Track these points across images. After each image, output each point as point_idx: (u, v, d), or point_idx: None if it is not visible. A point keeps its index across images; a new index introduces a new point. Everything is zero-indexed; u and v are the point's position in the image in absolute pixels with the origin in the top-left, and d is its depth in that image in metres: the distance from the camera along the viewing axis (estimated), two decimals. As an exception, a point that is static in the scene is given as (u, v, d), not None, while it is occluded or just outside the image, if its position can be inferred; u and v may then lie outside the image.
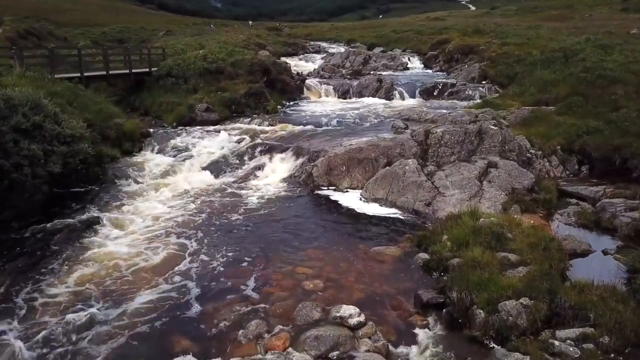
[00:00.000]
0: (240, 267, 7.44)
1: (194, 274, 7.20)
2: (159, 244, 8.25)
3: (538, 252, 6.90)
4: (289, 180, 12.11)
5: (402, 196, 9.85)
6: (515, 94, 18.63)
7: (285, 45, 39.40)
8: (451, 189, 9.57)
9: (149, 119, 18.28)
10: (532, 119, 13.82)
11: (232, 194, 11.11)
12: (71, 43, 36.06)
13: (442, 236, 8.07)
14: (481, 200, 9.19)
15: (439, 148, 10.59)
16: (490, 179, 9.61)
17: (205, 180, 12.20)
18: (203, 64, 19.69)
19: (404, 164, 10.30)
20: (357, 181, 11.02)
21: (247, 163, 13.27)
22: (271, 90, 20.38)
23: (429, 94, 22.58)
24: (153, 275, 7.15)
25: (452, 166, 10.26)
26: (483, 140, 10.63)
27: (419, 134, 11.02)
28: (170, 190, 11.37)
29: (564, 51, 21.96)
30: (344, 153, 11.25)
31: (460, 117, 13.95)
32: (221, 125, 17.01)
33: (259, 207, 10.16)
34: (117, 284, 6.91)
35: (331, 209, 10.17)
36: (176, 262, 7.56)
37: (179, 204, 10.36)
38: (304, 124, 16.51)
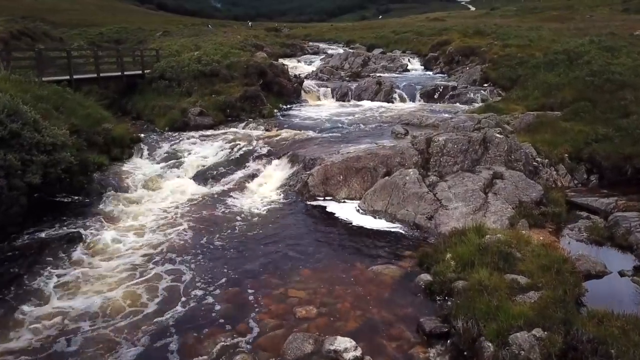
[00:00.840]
0: (227, 290, 6.87)
1: (175, 300, 6.62)
2: (138, 265, 7.67)
3: (550, 275, 6.35)
4: (283, 189, 11.55)
5: (402, 208, 9.29)
6: (519, 98, 18.10)
7: (283, 47, 38.82)
8: (454, 201, 9.01)
9: (140, 123, 17.76)
10: (538, 124, 13.27)
11: (222, 205, 10.55)
12: (66, 44, 35.47)
13: (445, 254, 7.52)
14: (486, 214, 8.63)
15: (441, 157, 10.04)
16: (496, 191, 9.05)
17: (195, 190, 11.64)
18: (197, 66, 19.15)
19: (404, 174, 9.75)
20: (354, 191, 10.47)
21: (240, 170, 12.71)
22: (267, 93, 19.85)
23: (430, 96, 22.04)
24: (128, 301, 6.58)
25: (455, 177, 9.70)
26: (488, 149, 10.07)
27: (420, 142, 10.46)
28: (157, 201, 10.82)
29: (567, 53, 21.43)
30: (341, 162, 10.70)
31: (463, 122, 13.41)
32: (215, 130, 16.47)
33: (251, 220, 9.60)
34: (89, 310, 6.35)
35: (327, 221, 9.61)
36: (155, 287, 6.98)
37: (165, 217, 9.79)
38: (300, 128, 15.96)
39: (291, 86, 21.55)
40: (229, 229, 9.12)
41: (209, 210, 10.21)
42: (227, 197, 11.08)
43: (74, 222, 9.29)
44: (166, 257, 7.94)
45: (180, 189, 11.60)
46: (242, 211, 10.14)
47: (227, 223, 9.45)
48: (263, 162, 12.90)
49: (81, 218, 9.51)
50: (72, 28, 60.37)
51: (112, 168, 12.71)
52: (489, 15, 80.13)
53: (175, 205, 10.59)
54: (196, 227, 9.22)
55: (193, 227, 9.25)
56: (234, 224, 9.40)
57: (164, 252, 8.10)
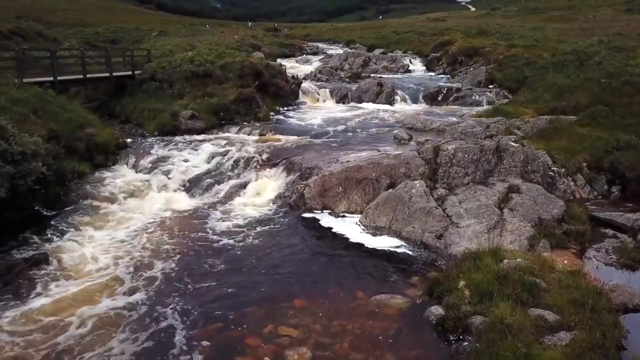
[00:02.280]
0: (207, 325, 5.95)
1: (145, 336, 5.71)
2: (108, 292, 6.76)
3: (583, 312, 5.44)
4: (277, 201, 10.64)
5: (408, 225, 8.38)
6: (528, 101, 17.20)
7: (281, 47, 37.90)
8: (466, 218, 8.11)
9: (129, 127, 16.84)
10: (551, 130, 12.35)
11: (210, 219, 9.63)
12: (60, 44, 34.51)
13: (458, 282, 6.61)
14: (503, 232, 7.73)
15: (451, 168, 9.13)
16: (513, 207, 8.14)
17: (182, 202, 10.73)
18: (190, 66, 18.22)
19: (409, 187, 8.83)
20: (355, 205, 9.56)
21: (232, 180, 11.79)
22: (263, 95, 18.90)
23: (433, 99, 21.12)
24: (93, 337, 5.67)
25: (467, 190, 8.79)
26: (502, 159, 9.16)
27: (426, 150, 9.55)
28: (140, 214, 9.91)
29: (577, 54, 20.55)
30: (341, 172, 9.79)
31: (471, 127, 12.51)
32: (207, 135, 15.56)
33: (240, 238, 8.68)
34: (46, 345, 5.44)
35: (325, 239, 8.70)
36: (124, 318, 6.08)
37: (146, 234, 8.87)
38: (297, 133, 15.05)
39: (289, 87, 20.62)
40: (214, 249, 8.21)
41: (195, 226, 9.29)
42: (216, 210, 10.16)
43: (45, 239, 8.38)
44: (140, 282, 7.03)
45: (166, 201, 10.69)
46: (231, 227, 9.23)
47: (213, 241, 8.53)
48: (256, 171, 11.98)
49: (53, 235, 8.60)
50: (68, 28, 59.51)
51: (94, 177, 11.79)
52: (490, 15, 79.36)
53: (159, 219, 9.67)
54: (178, 247, 8.31)
55: (175, 246, 8.34)
56: (221, 242, 8.49)
57: (139, 277, 7.19)
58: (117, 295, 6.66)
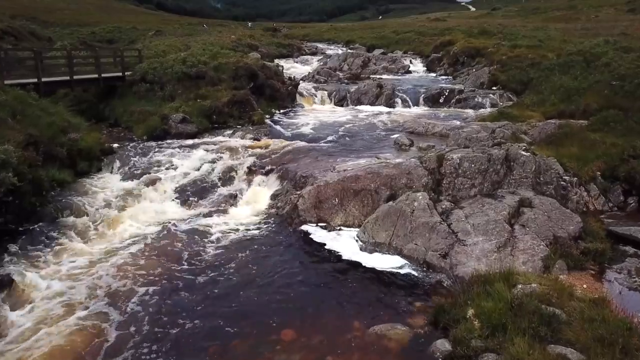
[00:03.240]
0: (183, 364, 5.27)
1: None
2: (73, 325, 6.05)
3: (613, 355, 4.75)
4: (269, 212, 9.94)
5: (410, 242, 7.69)
6: (534, 103, 16.50)
7: (279, 47, 37.19)
8: (473, 234, 7.41)
9: (117, 130, 16.14)
10: (561, 135, 11.65)
11: (196, 234, 8.92)
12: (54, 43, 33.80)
13: (466, 310, 5.92)
14: (514, 251, 7.03)
15: (456, 179, 8.42)
16: (524, 223, 7.44)
17: (168, 213, 10.02)
18: (182, 67, 17.52)
19: (411, 199, 8.13)
20: (352, 217, 8.86)
21: (222, 188, 11.11)
22: (259, 97, 18.23)
23: (435, 101, 20.43)
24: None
25: (473, 203, 8.09)
26: (512, 170, 8.46)
27: (430, 159, 8.84)
28: (121, 229, 9.21)
29: (583, 55, 19.87)
30: (337, 182, 9.08)
31: (476, 133, 11.81)
32: (199, 139, 14.86)
33: (228, 256, 7.98)
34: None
35: (319, 256, 8.00)
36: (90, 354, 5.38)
37: (127, 251, 8.16)
38: (293, 137, 14.38)
39: (285, 89, 19.93)
40: (198, 270, 7.50)
41: (180, 241, 8.58)
42: (203, 223, 9.45)
43: (12, 258, 7.66)
44: (114, 309, 6.33)
45: (151, 212, 9.99)
46: (218, 242, 8.53)
47: (197, 260, 7.83)
48: (248, 179, 11.30)
49: (23, 252, 7.90)
50: (64, 27, 58.86)
51: (75, 185, 11.07)
52: (491, 15, 78.81)
53: (142, 234, 8.97)
54: (160, 267, 7.60)
55: (156, 266, 7.63)
56: (207, 261, 7.79)
57: (113, 302, 6.49)
58: (84, 327, 5.96)
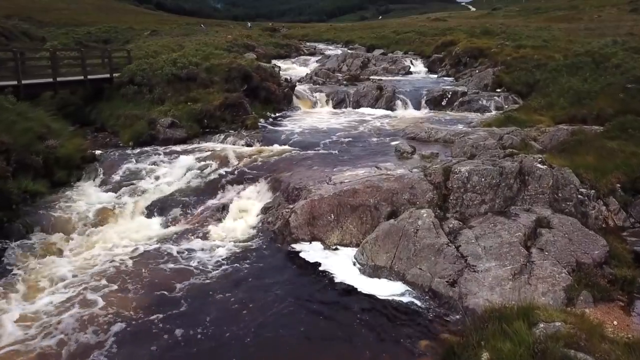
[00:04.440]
0: None
1: None
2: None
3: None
4: (259, 228, 9.12)
5: (413, 266, 6.86)
6: (542, 107, 15.68)
7: (277, 47, 36.38)
8: (485, 259, 6.58)
9: (103, 135, 15.31)
10: (575, 143, 10.81)
11: (177, 254, 8.09)
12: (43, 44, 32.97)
13: (480, 353, 5.10)
14: (532, 280, 6.20)
15: (465, 194, 7.59)
16: (543, 246, 6.61)
17: (148, 229, 9.20)
18: (172, 69, 16.68)
19: (415, 217, 7.31)
20: (350, 236, 8.03)
21: (209, 201, 10.27)
22: (253, 100, 17.40)
23: (437, 103, 19.60)
24: None
25: (484, 222, 7.26)
26: (526, 184, 7.62)
27: (435, 172, 8.00)
28: (96, 248, 8.39)
29: (591, 55, 19.08)
30: (333, 196, 8.25)
31: (483, 140, 10.99)
32: (188, 145, 14.03)
33: (211, 282, 7.15)
34: None
35: (312, 281, 7.18)
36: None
37: (99, 275, 7.35)
38: (287, 143, 13.55)
39: (281, 91, 19.09)
40: (177, 299, 6.68)
41: (160, 263, 7.75)
42: (186, 242, 8.62)
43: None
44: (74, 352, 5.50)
45: (130, 229, 9.17)
46: (201, 265, 7.69)
47: (177, 288, 7.00)
48: (238, 190, 10.47)
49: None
50: (60, 27, 58.03)
51: (51, 197, 10.25)
52: (491, 15, 78.15)
53: (118, 254, 8.14)
54: (134, 299, 6.77)
55: (130, 298, 6.80)
56: (188, 289, 6.96)
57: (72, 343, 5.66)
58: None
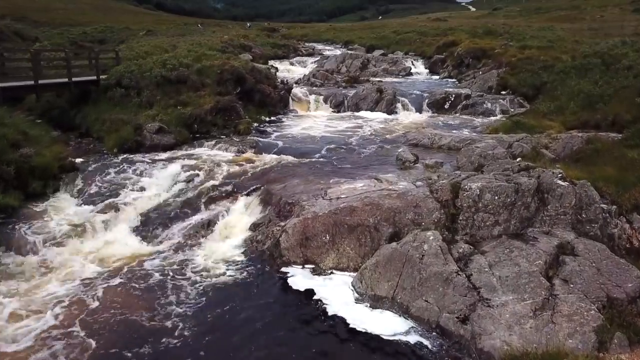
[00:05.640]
0: None
1: None
2: None
3: None
4: (248, 247, 8.28)
5: (418, 298, 6.04)
6: (550, 111, 14.88)
7: (275, 47, 35.49)
8: (501, 291, 5.76)
9: (87, 141, 14.47)
10: (591, 152, 10.00)
11: (157, 278, 7.27)
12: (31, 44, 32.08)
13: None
14: (555, 317, 5.37)
15: (476, 214, 6.77)
16: (567, 277, 5.78)
17: (127, 248, 8.36)
18: (161, 71, 15.85)
19: (420, 240, 6.48)
20: (347, 259, 7.21)
21: (194, 216, 9.44)
22: (247, 103, 16.60)
23: (439, 107, 18.79)
24: None
25: (498, 246, 6.43)
26: (545, 204, 6.79)
27: (442, 189, 7.17)
28: (68, 271, 7.56)
29: (601, 56, 18.27)
30: (328, 214, 7.43)
31: (492, 149, 10.16)
32: (177, 151, 13.22)
33: (192, 311, 6.32)
34: None
35: (304, 312, 6.36)
36: None
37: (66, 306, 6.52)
38: (281, 151, 12.73)
39: (277, 94, 18.28)
40: (155, 332, 5.84)
41: (136, 290, 6.93)
42: (168, 263, 7.80)
43: None
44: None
45: (108, 248, 8.34)
46: (182, 291, 6.87)
47: (155, 319, 6.18)
48: (226, 203, 9.64)
49: None
50: (55, 27, 57.21)
51: (23, 211, 9.44)
52: (492, 15, 77.40)
53: (93, 277, 7.32)
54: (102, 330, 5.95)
55: (97, 328, 5.98)
56: (167, 320, 6.13)
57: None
58: None
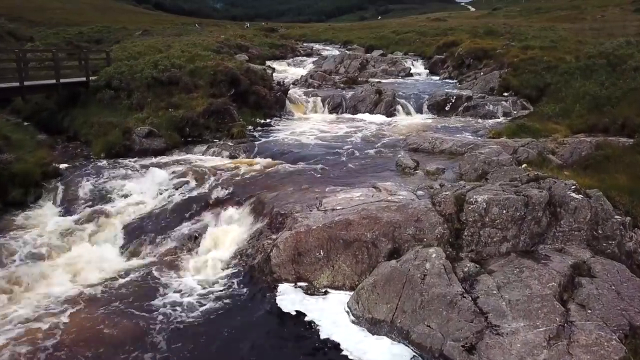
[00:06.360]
0: None
1: None
2: None
3: None
4: (237, 261, 7.75)
5: (420, 322, 5.51)
6: (556, 114, 14.35)
7: (272, 48, 34.98)
8: (511, 316, 5.22)
9: (75, 145, 13.93)
10: (601, 159, 9.48)
11: (138, 298, 6.73)
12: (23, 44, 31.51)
13: None
14: (572, 348, 4.85)
15: (482, 229, 6.23)
16: (584, 301, 5.25)
17: (107, 263, 7.82)
18: (152, 72, 15.31)
19: (422, 258, 5.95)
20: (343, 277, 6.67)
21: (182, 226, 8.90)
22: (241, 105, 16.06)
23: (440, 109, 18.27)
24: None
25: (507, 265, 5.90)
26: (558, 218, 6.25)
27: (445, 201, 6.63)
28: (43, 289, 7.03)
29: (606, 57, 17.76)
30: (322, 228, 6.89)
31: (496, 155, 9.63)
32: (167, 156, 12.72)
33: (172, 337, 5.77)
34: None
35: (295, 336, 5.82)
36: None
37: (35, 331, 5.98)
38: (275, 156, 12.20)
39: (272, 96, 17.72)
40: None
41: (113, 312, 6.38)
42: (150, 281, 7.25)
43: None
44: None
45: (87, 263, 7.79)
46: (159, 315, 6.32)
47: (128, 344, 5.64)
48: (215, 213, 9.09)
49: None
50: (51, 27, 56.69)
51: (1, 223, 8.90)
52: (492, 15, 77.01)
53: (63, 299, 6.77)
54: (70, 358, 5.42)
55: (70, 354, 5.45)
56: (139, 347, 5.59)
57: None
58: None
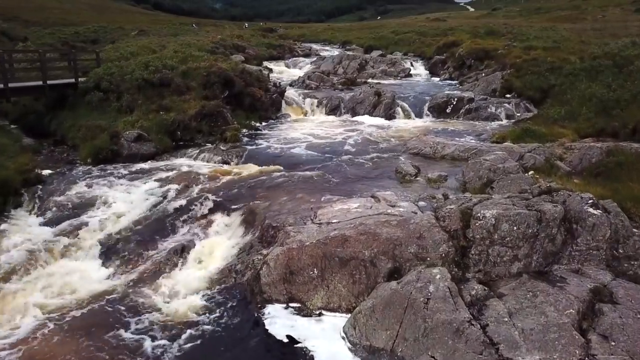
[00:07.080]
0: None
1: None
2: None
3: None
4: (225, 277, 7.19)
5: (423, 352, 4.97)
6: (562, 118, 13.83)
7: (270, 48, 34.40)
8: (524, 348, 4.68)
9: (61, 150, 13.42)
10: (613, 166, 8.94)
11: (119, 317, 6.18)
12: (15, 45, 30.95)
13: None
14: (594, 386, 4.30)
15: (491, 247, 5.69)
16: (606, 331, 4.71)
17: (86, 282, 7.24)
18: (143, 73, 14.77)
19: (425, 280, 5.41)
20: (338, 298, 6.13)
21: (168, 238, 8.35)
22: (236, 107, 15.52)
23: (441, 111, 17.74)
24: None
25: (519, 288, 5.35)
26: (574, 236, 5.71)
27: (450, 216, 6.08)
28: (15, 308, 6.48)
29: (612, 58, 17.25)
30: (316, 244, 6.34)
31: (502, 162, 9.09)
32: (156, 162, 12.17)
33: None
34: None
35: (286, 368, 5.29)
36: None
37: None
38: (269, 161, 11.65)
39: (268, 98, 17.19)
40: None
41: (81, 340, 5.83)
42: (131, 299, 6.71)
43: None
44: None
45: (64, 281, 7.23)
46: (142, 340, 5.78)
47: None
48: (204, 225, 8.55)
49: None
50: (47, 27, 56.10)
51: (-26, 233, 8.35)
52: (492, 15, 76.51)
53: (35, 324, 6.22)
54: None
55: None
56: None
57: None
58: None
